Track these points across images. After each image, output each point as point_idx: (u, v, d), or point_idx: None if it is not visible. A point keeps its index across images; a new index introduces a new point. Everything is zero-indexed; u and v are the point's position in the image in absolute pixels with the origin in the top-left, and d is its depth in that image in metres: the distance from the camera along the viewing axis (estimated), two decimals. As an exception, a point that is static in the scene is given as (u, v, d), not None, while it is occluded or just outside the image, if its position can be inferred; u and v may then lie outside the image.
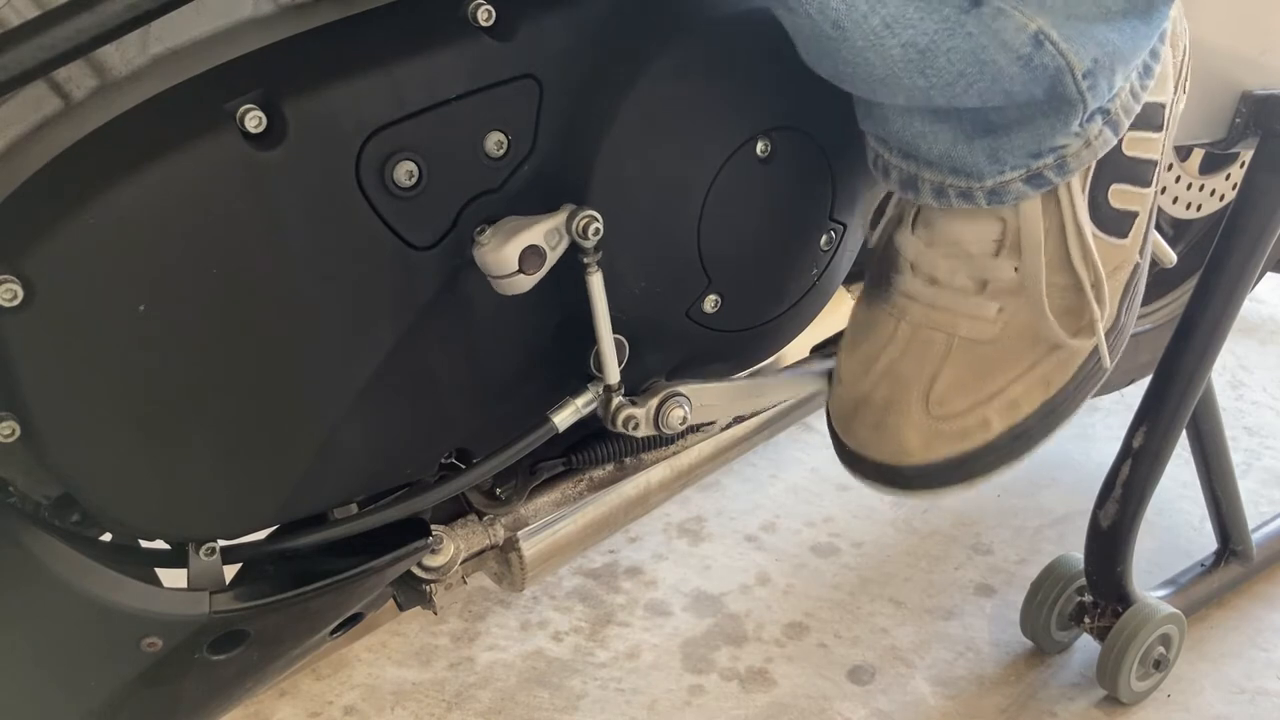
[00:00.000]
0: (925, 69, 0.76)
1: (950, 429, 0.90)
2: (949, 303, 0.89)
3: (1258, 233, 1.25)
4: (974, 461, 0.91)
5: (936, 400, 0.90)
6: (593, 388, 0.84)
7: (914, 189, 0.86)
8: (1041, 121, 0.81)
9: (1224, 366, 1.97)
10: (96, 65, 0.69)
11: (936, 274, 0.89)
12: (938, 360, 0.90)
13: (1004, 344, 0.90)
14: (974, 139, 0.82)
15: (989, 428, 0.91)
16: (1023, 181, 0.84)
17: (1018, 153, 0.82)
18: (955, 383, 0.90)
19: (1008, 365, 0.90)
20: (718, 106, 0.83)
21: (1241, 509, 1.45)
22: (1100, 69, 0.79)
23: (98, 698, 0.76)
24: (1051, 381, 0.92)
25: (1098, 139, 0.84)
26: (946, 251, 0.89)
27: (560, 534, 1.02)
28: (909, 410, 0.90)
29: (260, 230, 0.70)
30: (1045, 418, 0.92)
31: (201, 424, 0.73)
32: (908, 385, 0.90)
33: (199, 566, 0.77)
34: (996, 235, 0.87)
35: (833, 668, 1.42)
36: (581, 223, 0.76)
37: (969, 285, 0.89)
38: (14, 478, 0.73)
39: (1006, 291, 0.89)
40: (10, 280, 0.64)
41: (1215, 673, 1.41)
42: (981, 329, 0.89)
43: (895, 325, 0.91)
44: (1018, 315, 0.89)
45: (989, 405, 0.90)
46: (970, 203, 0.85)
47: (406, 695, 1.39)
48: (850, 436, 0.94)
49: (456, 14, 0.74)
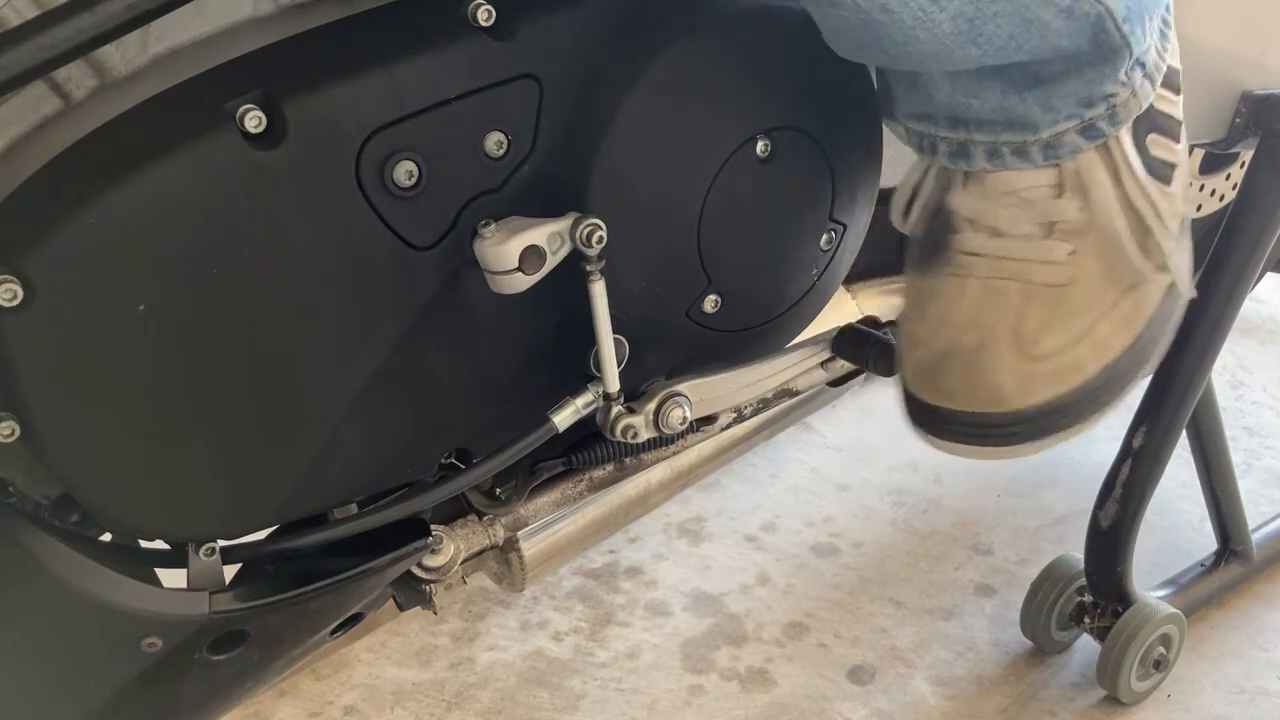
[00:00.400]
0: (976, 37, 0.76)
1: (1045, 370, 0.88)
2: (1018, 250, 0.87)
3: (1258, 233, 1.25)
4: (1071, 407, 0.89)
5: (1028, 341, 0.87)
6: (593, 388, 0.84)
7: (966, 156, 0.85)
8: (1090, 70, 0.81)
9: (1224, 366, 1.97)
10: (96, 65, 0.69)
11: (999, 224, 0.87)
12: (1019, 305, 0.87)
13: (1080, 285, 0.88)
14: (1025, 91, 0.82)
15: (1083, 369, 0.89)
16: (1077, 133, 0.84)
17: (1070, 101, 0.82)
18: (1043, 324, 0.87)
19: (1089, 305, 0.88)
20: (718, 106, 0.83)
21: (1241, 509, 1.45)
22: (1134, 16, 0.79)
23: (98, 698, 0.76)
24: (1133, 321, 0.90)
25: (1141, 89, 0.84)
26: (1006, 200, 0.87)
27: (560, 534, 1.02)
28: (1001, 352, 0.87)
29: (260, 230, 0.70)
30: (1134, 358, 0.90)
31: (201, 424, 0.72)
32: (995, 329, 0.87)
33: (199, 566, 0.77)
34: (1053, 180, 0.86)
35: (833, 668, 1.42)
36: (585, 230, 0.76)
37: (1035, 231, 0.87)
38: (14, 478, 0.73)
39: (1075, 232, 0.87)
40: (10, 280, 0.64)
41: (1215, 673, 1.41)
42: (1055, 272, 0.87)
43: (962, 284, 0.88)
44: (1089, 256, 0.88)
45: (1080, 346, 0.88)
46: (1026, 160, 0.84)
47: (406, 695, 1.39)
48: (936, 392, 0.90)
49: (456, 14, 0.74)
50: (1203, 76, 1.15)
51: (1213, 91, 1.23)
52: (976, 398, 0.88)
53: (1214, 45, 1.19)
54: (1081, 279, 0.88)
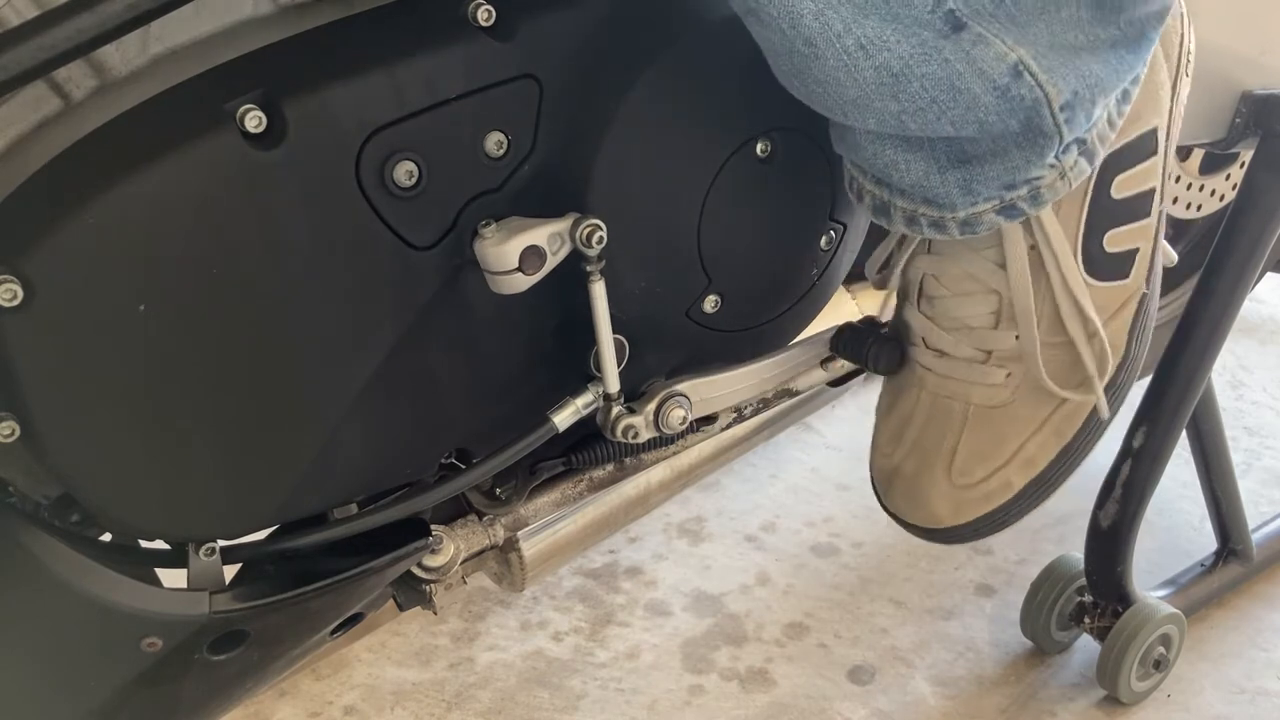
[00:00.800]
0: (898, 93, 0.74)
1: (975, 495, 0.97)
2: (960, 373, 0.94)
3: (1258, 233, 1.24)
4: (1001, 515, 0.98)
5: (959, 471, 0.96)
6: (593, 388, 0.84)
7: (886, 216, 0.85)
8: (1016, 153, 0.79)
9: (1224, 366, 1.97)
10: (96, 65, 0.69)
11: (944, 347, 0.95)
12: (957, 429, 0.96)
13: (1016, 406, 0.95)
14: (947, 170, 0.80)
15: (1010, 487, 0.97)
16: (995, 212, 0.83)
17: (991, 184, 0.81)
18: (974, 452, 0.96)
19: (1021, 425, 0.95)
20: (718, 106, 0.83)
21: (1241, 509, 1.45)
22: (1080, 101, 0.78)
23: (98, 698, 0.76)
24: (1064, 431, 0.97)
25: (1073, 170, 0.83)
26: (949, 326, 0.94)
27: (560, 534, 1.02)
28: (936, 483, 0.97)
29: (259, 230, 0.70)
30: (1062, 464, 0.98)
31: (201, 424, 0.73)
32: (932, 460, 0.97)
33: (199, 566, 0.77)
34: (993, 308, 0.91)
35: (833, 668, 1.42)
36: (585, 231, 0.76)
37: (975, 355, 0.94)
38: (14, 478, 0.73)
39: (1011, 358, 0.93)
40: (10, 280, 0.64)
41: (1215, 673, 1.41)
42: (993, 395, 0.94)
43: (918, 394, 0.97)
44: (1026, 379, 0.93)
45: (1008, 467, 0.96)
46: (942, 232, 0.84)
47: (406, 695, 1.39)
48: (889, 502, 1.02)
49: (456, 14, 0.74)
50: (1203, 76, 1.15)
51: (1213, 91, 1.23)
52: (917, 515, 1.00)
53: (1214, 45, 1.19)
54: (1016, 401, 0.95)
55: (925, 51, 0.72)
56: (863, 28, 0.71)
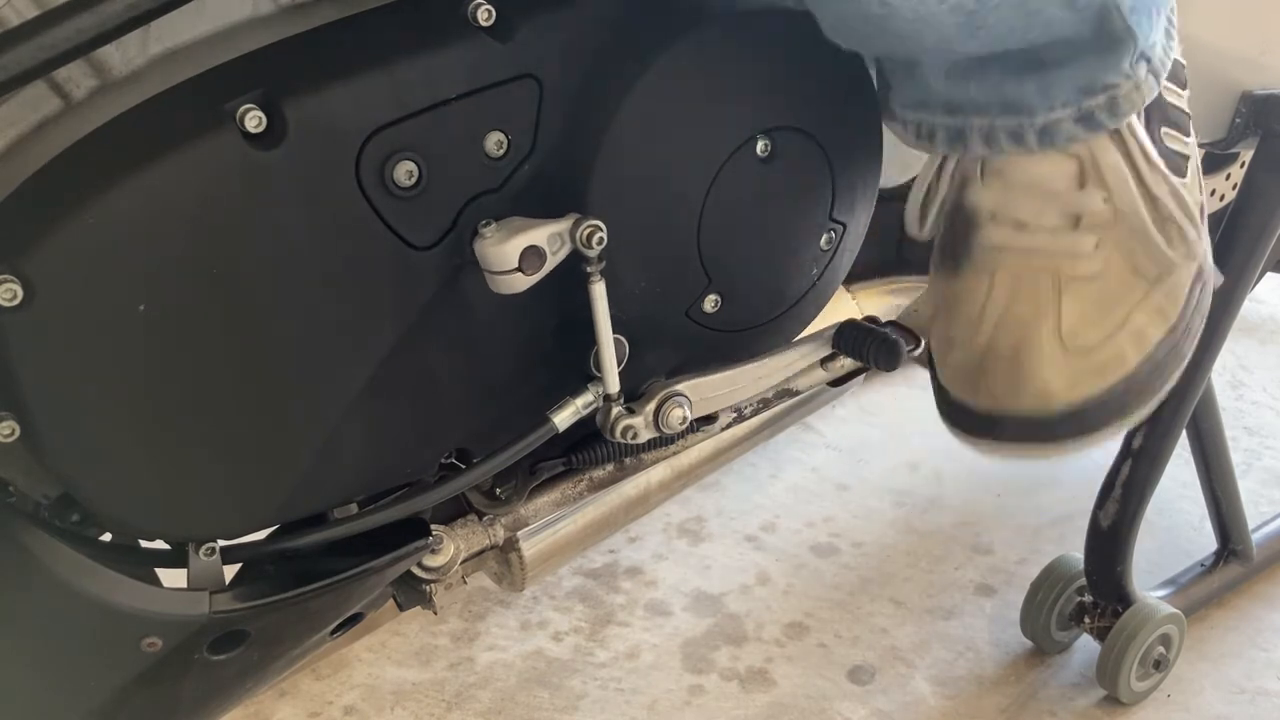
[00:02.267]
0: (976, 30, 0.75)
1: (1090, 364, 0.87)
2: (1044, 243, 0.86)
3: (1258, 233, 1.25)
4: (1118, 399, 0.88)
5: (1069, 334, 0.86)
6: (593, 388, 0.84)
7: (962, 141, 0.83)
8: (1092, 59, 0.79)
9: (1224, 366, 1.97)
10: (96, 65, 0.69)
11: (1023, 216, 0.86)
12: (1053, 298, 0.86)
13: (1111, 276, 0.87)
14: (1023, 75, 0.80)
15: (1125, 360, 0.88)
16: (1074, 121, 0.82)
17: (1069, 88, 0.80)
18: (1081, 316, 0.86)
19: (1122, 296, 0.87)
20: (718, 106, 0.83)
21: (1241, 509, 1.45)
22: (1141, 8, 0.78)
23: (97, 698, 0.76)
24: (1168, 309, 0.89)
25: (1145, 83, 0.82)
26: (1029, 193, 0.86)
27: (560, 534, 1.02)
28: (1043, 349, 0.86)
29: (260, 230, 0.70)
30: (1172, 348, 0.90)
31: (201, 424, 0.72)
32: (1033, 325, 0.86)
33: (199, 566, 0.77)
34: (1074, 170, 0.85)
35: (833, 668, 1.42)
36: (586, 231, 0.76)
37: (1060, 223, 0.86)
38: (14, 477, 0.73)
39: (1100, 224, 0.86)
40: (10, 280, 0.64)
41: (1215, 673, 1.41)
42: (1084, 265, 0.86)
43: (990, 279, 0.88)
44: (1117, 247, 0.87)
45: (1120, 335, 0.87)
46: (1020, 144, 0.82)
47: (406, 695, 1.39)
48: (982, 395, 0.88)
49: (457, 14, 0.74)
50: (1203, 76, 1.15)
51: (1213, 91, 1.23)
52: (1024, 398, 0.87)
53: (1214, 45, 1.19)
54: (1111, 271, 0.87)
55: None
56: None
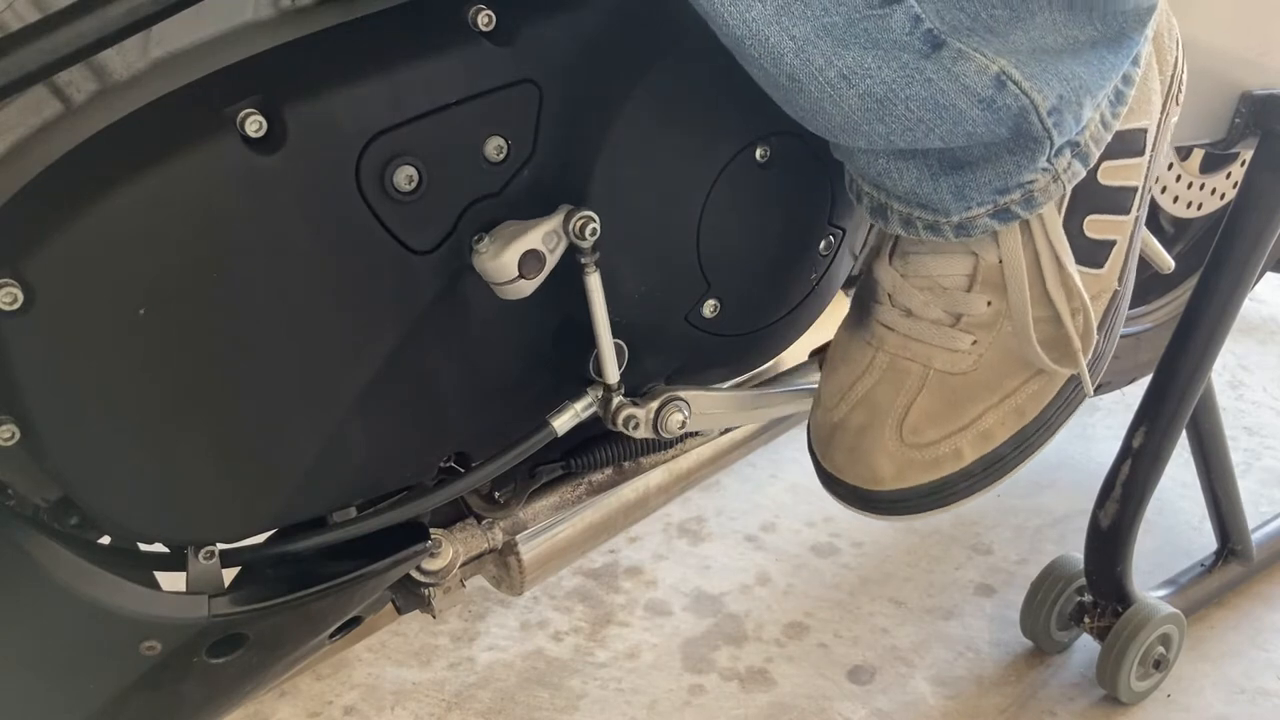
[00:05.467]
0: (884, 116, 0.75)
1: (923, 457, 0.91)
2: (924, 334, 0.90)
3: (1258, 233, 1.25)
4: (946, 489, 0.92)
5: (910, 429, 0.91)
6: (592, 392, 0.84)
7: (883, 217, 0.86)
8: (1007, 159, 0.80)
9: (1224, 366, 1.97)
10: (97, 69, 0.69)
11: (911, 306, 0.90)
12: (913, 390, 0.90)
13: (978, 376, 0.91)
14: (939, 177, 0.81)
15: (961, 457, 0.92)
16: (989, 216, 0.83)
17: (984, 189, 0.82)
18: (929, 413, 0.91)
19: (981, 396, 0.91)
20: (717, 112, 0.83)
21: (1241, 509, 1.45)
22: (1066, 105, 0.78)
23: (97, 701, 0.76)
24: (1026, 411, 0.92)
25: (1066, 172, 0.83)
26: (921, 284, 0.90)
27: (559, 537, 1.02)
28: (882, 437, 0.91)
29: (259, 235, 0.70)
30: (1019, 446, 0.93)
31: (200, 428, 0.73)
32: (882, 413, 0.91)
33: (198, 570, 0.77)
34: (968, 270, 0.88)
35: (833, 668, 1.42)
36: (578, 223, 0.76)
37: (943, 318, 0.90)
38: (13, 481, 0.73)
39: (980, 325, 0.89)
40: (10, 284, 0.64)
41: (1215, 673, 1.41)
42: (956, 361, 0.90)
43: (873, 354, 0.92)
44: (992, 348, 0.90)
45: (962, 435, 0.91)
46: (937, 235, 0.84)
47: (406, 695, 1.39)
48: (827, 459, 0.94)
49: (456, 19, 0.74)
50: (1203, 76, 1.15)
51: (1213, 91, 1.23)
52: (856, 474, 0.92)
53: (1214, 45, 1.19)
54: (979, 371, 0.90)
55: (907, 74, 0.73)
56: (843, 58, 0.72)
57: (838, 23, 0.71)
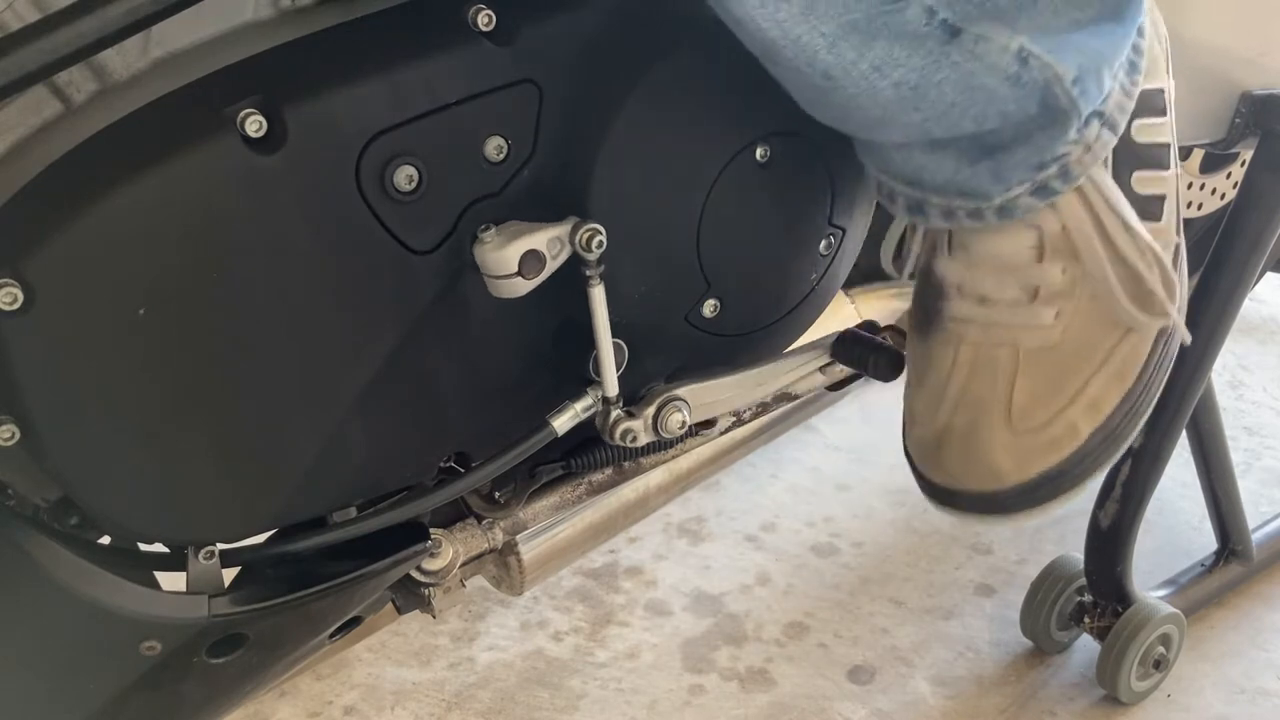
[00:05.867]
0: (919, 104, 0.76)
1: (1039, 442, 0.89)
2: (1004, 317, 0.88)
3: (1258, 233, 1.25)
4: (1070, 471, 0.90)
5: (1019, 415, 0.88)
6: (592, 392, 0.84)
7: (922, 213, 0.85)
8: (1039, 134, 0.80)
9: (1224, 366, 1.97)
10: (97, 69, 0.69)
11: (985, 291, 0.88)
12: (1009, 375, 0.88)
13: (1069, 346, 0.88)
14: (976, 162, 0.81)
15: (1077, 433, 0.89)
16: (1030, 194, 0.83)
17: (1020, 168, 0.82)
18: (1032, 394, 0.88)
19: (1079, 366, 0.89)
20: (717, 111, 0.83)
21: (1241, 509, 1.45)
22: (1087, 74, 0.79)
23: (97, 701, 0.76)
24: (1126, 374, 0.90)
25: (1097, 142, 0.83)
26: (990, 268, 0.88)
27: (559, 537, 1.02)
28: (994, 431, 0.88)
29: (259, 235, 0.70)
30: (1129, 413, 0.90)
31: (201, 427, 0.73)
32: (986, 406, 0.88)
33: (198, 570, 0.77)
34: (1034, 243, 0.86)
35: (833, 668, 1.42)
36: (585, 235, 0.76)
37: (1020, 296, 0.88)
38: (13, 481, 0.73)
39: (1059, 294, 0.87)
40: (10, 284, 0.64)
41: (1215, 673, 1.41)
42: (1044, 336, 0.88)
43: (955, 351, 0.89)
44: (1076, 315, 0.88)
45: (1072, 408, 0.89)
46: (980, 221, 0.84)
47: (406, 695, 1.39)
48: (939, 472, 0.91)
49: (457, 18, 0.74)
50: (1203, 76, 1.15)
51: (1213, 91, 1.23)
52: (976, 476, 0.89)
53: (1214, 45, 1.19)
54: (1069, 341, 0.88)
55: (935, 60, 0.74)
56: (873, 51, 0.73)
57: (859, 19, 0.72)
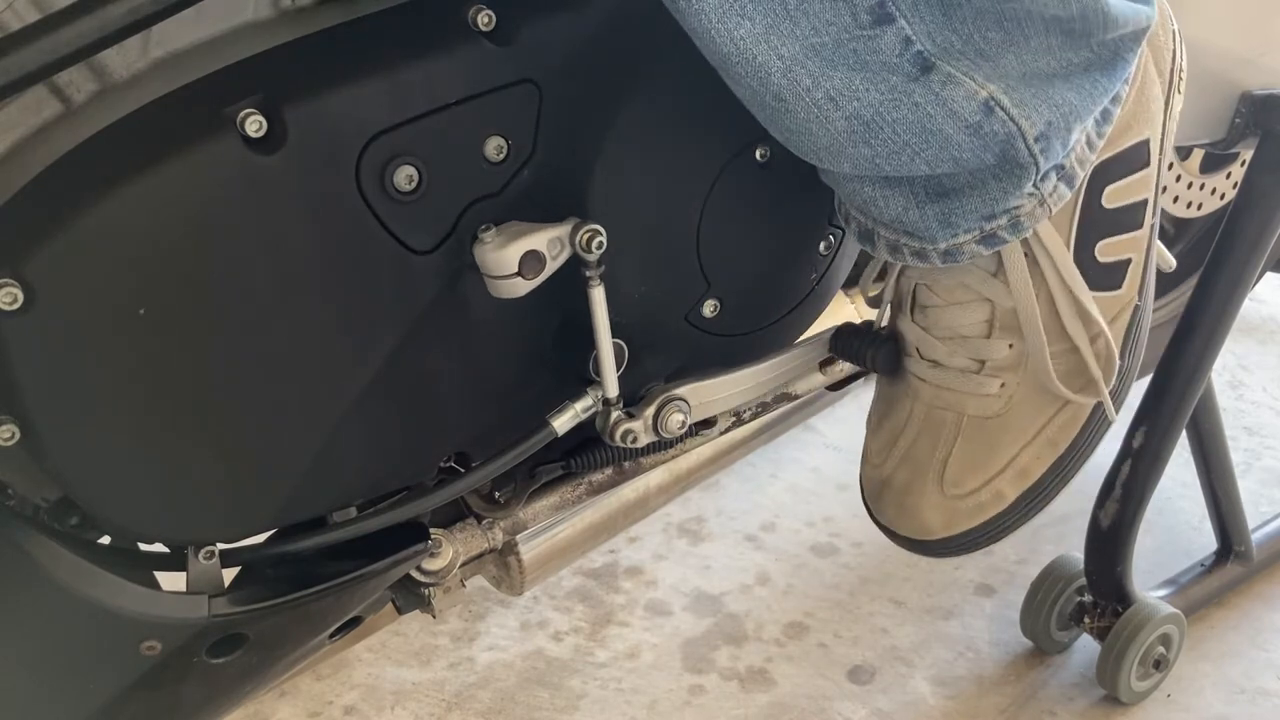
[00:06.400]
0: (870, 139, 0.74)
1: (966, 506, 0.95)
2: (953, 383, 0.93)
3: (1258, 233, 1.25)
4: (993, 528, 0.96)
5: (951, 481, 0.94)
6: (592, 392, 0.84)
7: (870, 243, 0.86)
8: (993, 185, 0.79)
9: (1224, 366, 1.97)
10: (97, 69, 0.69)
11: (937, 357, 0.93)
12: (949, 440, 0.94)
13: (1010, 416, 0.93)
14: (925, 204, 0.80)
15: (1003, 498, 0.95)
16: (976, 243, 0.83)
17: (970, 216, 0.81)
18: (967, 462, 0.94)
19: (1015, 435, 0.94)
20: (717, 111, 0.83)
21: (1241, 509, 1.45)
22: (1054, 130, 0.77)
23: (97, 701, 0.76)
24: (1058, 442, 0.95)
25: (1052, 195, 0.83)
26: (943, 335, 0.92)
27: (559, 537, 1.02)
28: (926, 493, 0.95)
29: (259, 235, 0.70)
30: (1056, 475, 0.96)
31: (200, 428, 0.73)
32: (924, 470, 0.95)
33: (198, 570, 0.77)
34: (985, 317, 0.90)
35: (833, 668, 1.42)
36: (585, 236, 0.76)
37: (969, 365, 0.92)
38: (13, 481, 0.73)
39: (1005, 368, 0.92)
40: (10, 284, 0.64)
41: (1215, 673, 1.41)
42: (987, 405, 0.93)
43: (911, 405, 0.95)
44: (1020, 388, 0.92)
45: (1001, 478, 0.95)
46: (925, 261, 0.84)
47: (406, 695, 1.39)
48: (879, 514, 0.99)
49: (457, 19, 0.74)
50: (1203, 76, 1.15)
51: (1213, 91, 1.23)
52: (907, 526, 0.97)
53: (1214, 45, 1.19)
54: (1010, 411, 0.93)
55: (895, 97, 0.72)
56: (831, 80, 0.71)
57: (826, 43, 0.70)
